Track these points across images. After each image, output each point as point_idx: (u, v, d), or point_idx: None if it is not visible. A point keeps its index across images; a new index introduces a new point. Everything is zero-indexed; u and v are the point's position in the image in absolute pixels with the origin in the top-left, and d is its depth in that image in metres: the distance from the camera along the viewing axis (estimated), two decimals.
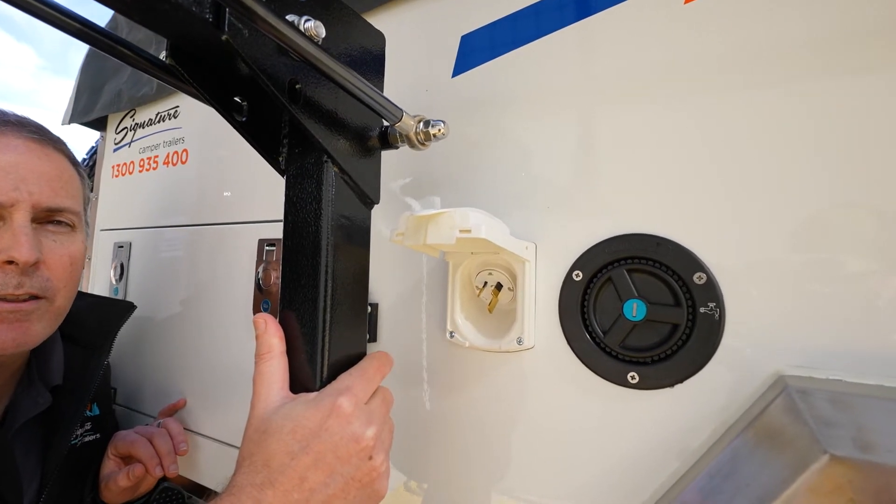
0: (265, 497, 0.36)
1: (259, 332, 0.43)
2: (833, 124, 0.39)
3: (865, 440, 0.31)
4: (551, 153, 0.52)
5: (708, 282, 0.42)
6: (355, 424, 0.39)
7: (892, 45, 0.37)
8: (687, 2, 0.46)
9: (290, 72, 0.39)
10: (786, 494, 0.33)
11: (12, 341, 0.58)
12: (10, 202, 0.57)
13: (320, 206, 0.43)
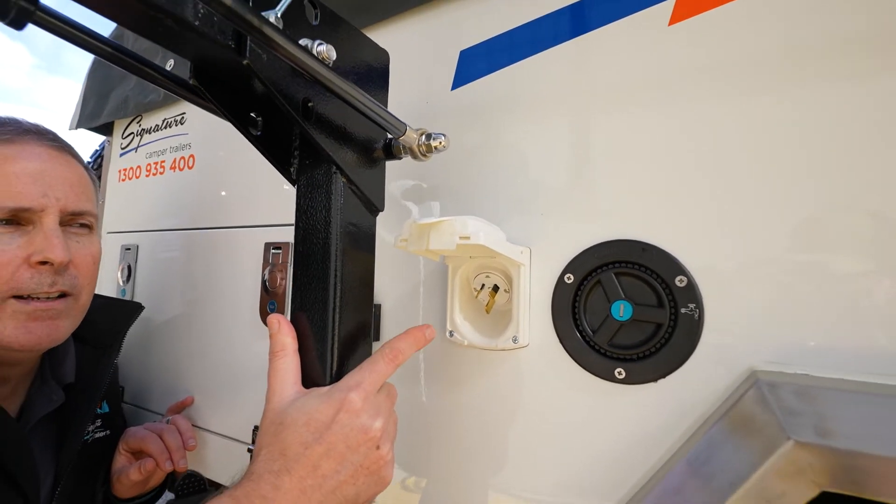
0: (282, 483, 0.39)
1: (273, 331, 0.46)
2: (803, 137, 0.42)
3: (825, 427, 0.35)
4: (545, 163, 0.55)
5: (688, 284, 0.46)
6: (364, 417, 0.42)
7: (850, 56, 0.41)
8: (671, 23, 0.50)
9: (304, 91, 0.42)
10: (754, 477, 0.36)
11: (47, 337, 0.61)
12: (40, 207, 0.60)
13: (330, 214, 0.46)
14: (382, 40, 0.55)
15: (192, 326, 0.89)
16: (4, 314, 0.59)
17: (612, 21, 0.52)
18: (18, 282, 0.59)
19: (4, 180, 0.59)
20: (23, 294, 0.60)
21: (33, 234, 0.61)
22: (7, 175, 0.60)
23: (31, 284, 0.60)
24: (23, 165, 0.61)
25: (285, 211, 0.79)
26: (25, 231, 0.61)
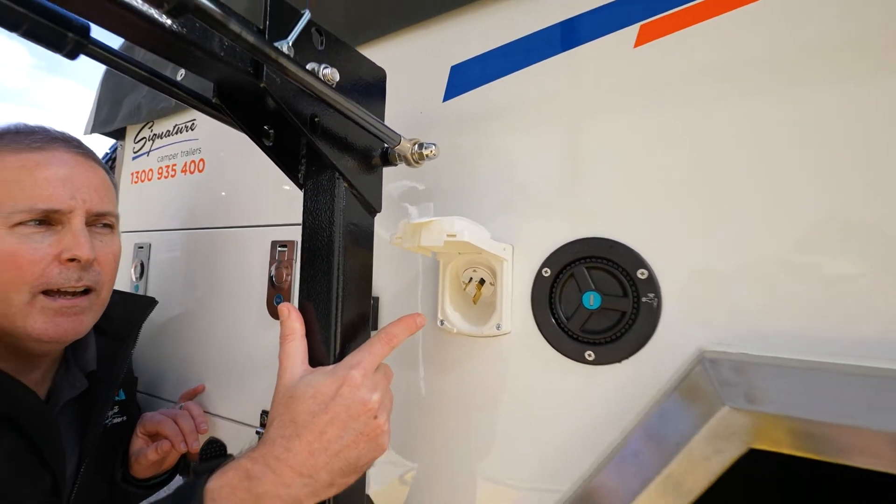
0: (293, 446, 0.45)
1: (283, 318, 0.52)
2: (746, 150, 0.49)
3: (754, 395, 0.41)
4: (527, 169, 0.62)
5: (649, 277, 0.52)
6: (363, 391, 0.48)
7: (795, 69, 0.47)
8: (636, 45, 0.56)
9: (311, 108, 0.48)
10: (696, 437, 0.42)
11: (72, 331, 0.67)
12: (68, 209, 0.66)
13: (333, 215, 0.53)
14: (380, 55, 0.62)
15: (202, 319, 0.95)
16: (34, 310, 0.65)
17: (585, 42, 0.58)
18: (49, 277, 0.66)
19: (36, 184, 0.66)
20: (52, 288, 0.66)
21: (62, 233, 0.67)
22: (38, 180, 0.66)
23: (59, 279, 0.66)
24: (53, 171, 0.67)
25: (290, 211, 0.85)
26: (55, 231, 0.67)
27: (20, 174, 0.65)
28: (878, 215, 0.42)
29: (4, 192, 0.64)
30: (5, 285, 0.63)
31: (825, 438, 0.37)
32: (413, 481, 0.66)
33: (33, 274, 0.64)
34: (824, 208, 0.45)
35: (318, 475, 0.46)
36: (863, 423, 0.36)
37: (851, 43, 0.45)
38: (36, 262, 0.64)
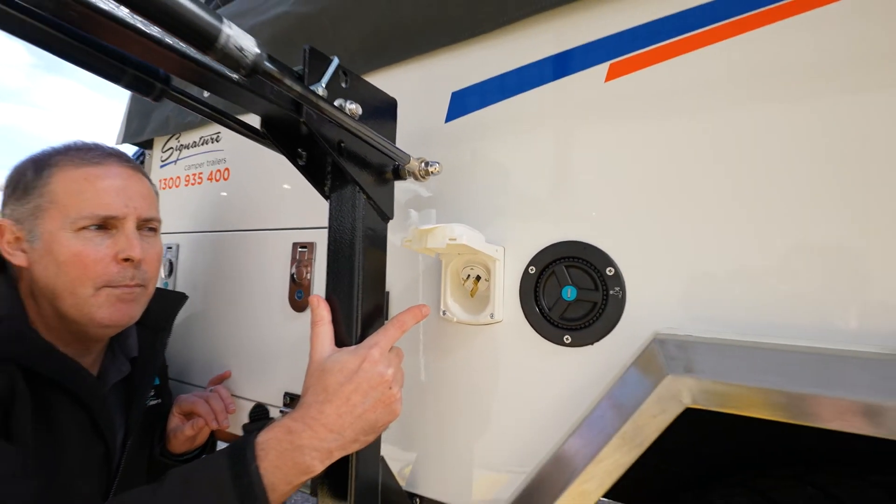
0: (325, 409, 0.56)
1: (313, 307, 0.63)
2: (690, 167, 0.60)
3: (690, 366, 0.52)
4: (517, 181, 0.73)
5: (615, 274, 0.63)
6: (381, 366, 0.59)
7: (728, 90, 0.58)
8: (608, 79, 0.67)
9: (338, 135, 0.59)
10: (647, 401, 0.53)
11: (128, 316, 0.79)
12: (123, 215, 0.77)
13: (354, 222, 0.64)
14: (390, 81, 0.73)
15: (228, 312, 1.06)
16: (100, 299, 0.76)
17: (565, 76, 0.69)
18: (109, 274, 0.77)
19: (96, 194, 0.76)
20: (111, 284, 0.77)
21: (117, 236, 0.78)
22: (98, 190, 0.77)
23: (118, 277, 0.77)
24: (110, 182, 0.78)
25: (309, 216, 0.96)
26: (111, 234, 0.78)
27: (83, 186, 0.76)
28: (803, 220, 0.53)
29: (70, 201, 0.75)
30: (73, 281, 0.74)
31: (738, 397, 0.48)
32: (419, 445, 0.77)
33: (95, 272, 0.75)
34: (755, 222, 0.56)
35: (344, 432, 0.57)
36: (769, 385, 0.47)
37: (787, 69, 0.55)
38: (98, 262, 0.75)
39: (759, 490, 0.61)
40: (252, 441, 0.55)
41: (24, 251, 0.76)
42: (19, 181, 0.76)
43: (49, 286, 0.75)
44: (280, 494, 0.54)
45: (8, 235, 0.76)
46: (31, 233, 0.75)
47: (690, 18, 0.61)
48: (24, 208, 0.75)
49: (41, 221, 0.75)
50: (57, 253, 0.74)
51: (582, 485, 0.57)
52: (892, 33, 0.50)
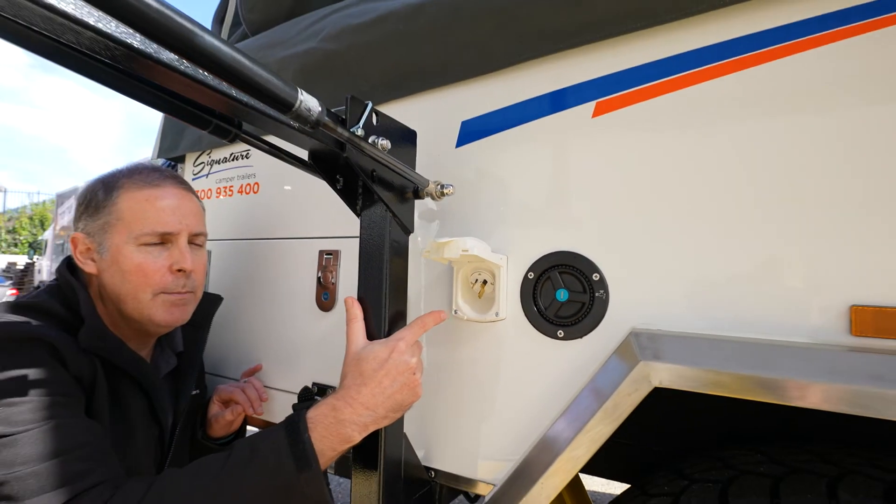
0: (362, 390, 0.69)
1: (348, 307, 0.76)
2: (671, 188, 0.72)
3: (658, 354, 0.65)
4: (518, 199, 0.85)
5: (601, 279, 0.76)
6: (406, 356, 0.72)
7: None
8: (595, 116, 0.80)
9: (371, 165, 0.72)
10: (623, 383, 0.66)
11: (180, 318, 0.91)
12: (177, 231, 0.90)
13: (383, 235, 0.76)
14: (407, 111, 0.85)
15: (259, 312, 1.19)
16: (157, 303, 0.88)
17: (558, 111, 0.82)
18: (165, 283, 0.89)
19: (156, 213, 0.89)
20: (167, 291, 0.89)
21: (172, 249, 0.91)
22: (157, 210, 0.89)
23: (172, 285, 0.90)
24: (167, 203, 0.90)
25: (334, 227, 1.08)
26: (167, 248, 0.91)
27: (144, 206, 0.88)
28: (747, 236, 0.66)
29: (134, 219, 0.87)
30: (135, 287, 0.87)
31: (695, 378, 0.61)
32: (434, 425, 0.90)
33: (154, 280, 0.88)
34: (714, 236, 0.68)
35: (377, 409, 0.69)
36: (719, 368, 0.60)
37: (725, 112, 0.68)
38: (156, 272, 0.88)
39: (721, 458, 0.74)
40: (303, 416, 0.68)
41: (94, 260, 0.88)
42: (91, 200, 0.88)
43: (115, 291, 0.87)
44: (327, 459, 0.67)
45: (81, 246, 0.88)
46: (101, 245, 0.87)
47: (663, 67, 0.74)
48: (95, 224, 0.88)
49: (109, 236, 0.87)
50: (122, 263, 0.86)
51: (573, 451, 0.69)
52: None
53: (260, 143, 0.67)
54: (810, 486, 0.61)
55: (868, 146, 0.60)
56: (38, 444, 0.64)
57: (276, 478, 0.63)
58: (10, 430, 0.64)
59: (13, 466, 0.62)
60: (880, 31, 0.60)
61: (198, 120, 0.59)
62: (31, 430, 0.65)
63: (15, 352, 0.71)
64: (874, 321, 0.59)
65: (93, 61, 0.50)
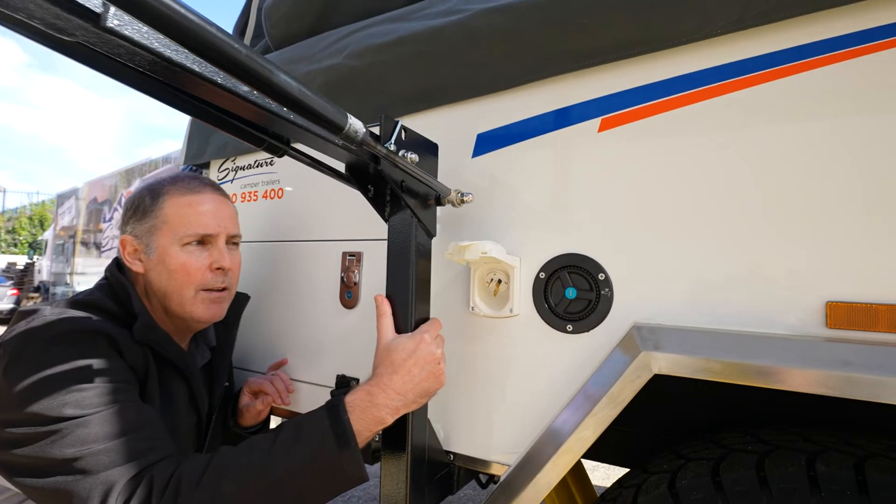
0: (393, 378, 0.77)
1: (378, 303, 0.84)
2: (670, 194, 0.80)
3: (657, 345, 0.73)
4: (530, 204, 0.93)
5: (606, 278, 0.84)
6: (432, 347, 0.80)
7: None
8: (600, 131, 0.88)
9: (401, 176, 0.80)
10: (626, 371, 0.74)
11: (218, 314, 0.99)
12: (216, 233, 0.98)
13: (409, 238, 0.84)
14: (426, 123, 0.93)
15: (285, 309, 1.27)
16: (198, 300, 0.97)
17: (566, 126, 0.90)
18: (205, 280, 0.97)
19: (197, 217, 0.97)
20: (207, 288, 0.98)
21: (211, 250, 0.99)
22: (199, 213, 0.97)
23: (212, 282, 0.98)
24: (207, 207, 0.99)
25: (356, 230, 1.16)
26: (207, 248, 0.99)
27: (187, 210, 0.97)
28: (738, 240, 0.74)
29: (178, 223, 0.96)
30: (180, 285, 0.95)
31: (690, 366, 0.69)
32: (454, 413, 0.98)
33: (196, 278, 0.96)
34: (710, 239, 0.77)
35: (407, 395, 0.77)
36: (711, 356, 0.69)
37: (707, 133, 0.77)
38: (199, 270, 0.96)
39: (713, 440, 0.82)
40: (342, 400, 0.76)
41: (141, 261, 0.96)
42: (139, 206, 0.97)
43: (161, 288, 0.95)
44: (363, 438, 0.75)
45: (129, 248, 0.96)
46: (148, 246, 0.96)
47: (662, 88, 0.82)
48: (143, 227, 0.96)
49: (155, 238, 0.95)
50: (168, 262, 0.94)
51: (581, 432, 0.78)
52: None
53: (304, 157, 0.76)
54: (791, 460, 0.69)
55: (839, 163, 0.68)
56: (108, 424, 0.73)
57: (320, 455, 0.71)
58: (82, 413, 0.72)
59: (87, 443, 0.70)
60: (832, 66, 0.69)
61: (252, 138, 0.68)
62: (100, 412, 0.73)
63: (81, 343, 0.79)
64: (847, 315, 0.67)
65: (171, 89, 0.58)
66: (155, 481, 0.68)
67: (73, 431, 0.71)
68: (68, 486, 0.68)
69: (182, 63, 0.47)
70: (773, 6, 0.71)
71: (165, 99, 0.59)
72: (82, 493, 0.67)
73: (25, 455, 0.71)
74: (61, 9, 0.40)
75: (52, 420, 0.71)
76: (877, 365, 0.59)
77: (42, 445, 0.70)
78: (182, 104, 0.60)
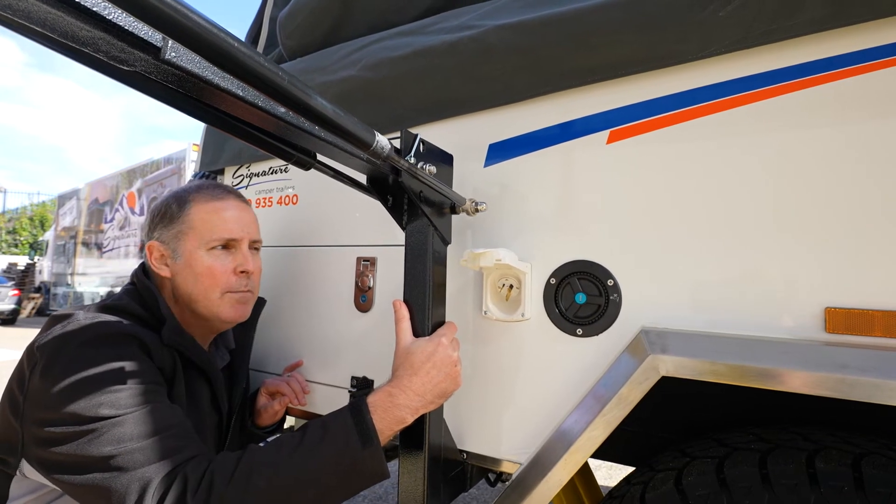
0: (413, 380, 0.81)
1: (396, 308, 0.88)
2: (677, 205, 0.84)
3: (664, 348, 0.77)
4: (541, 214, 0.97)
5: (615, 284, 0.88)
6: (448, 350, 0.84)
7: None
8: (609, 142, 0.92)
9: (419, 187, 0.84)
10: (635, 374, 0.78)
11: (242, 315, 1.03)
12: (240, 238, 1.02)
13: (425, 245, 0.88)
14: (440, 133, 0.97)
15: (300, 312, 1.31)
16: (224, 301, 1.01)
17: (575, 138, 0.94)
18: (230, 283, 1.01)
19: (223, 222, 1.01)
20: (232, 290, 1.02)
21: (235, 254, 1.03)
22: (224, 219, 1.01)
23: (237, 284, 1.02)
24: (231, 213, 1.03)
25: (370, 236, 1.20)
26: (231, 252, 1.03)
27: (212, 216, 1.01)
28: (741, 248, 0.78)
29: (204, 228, 1.00)
30: (206, 287, 0.99)
31: (695, 368, 0.73)
32: (467, 414, 1.02)
33: (221, 280, 1.00)
34: (714, 248, 0.80)
35: (426, 396, 0.81)
36: (714, 359, 0.72)
37: (701, 149, 0.80)
38: (224, 273, 1.00)
39: (718, 439, 0.86)
40: (364, 400, 0.80)
41: (168, 265, 1.00)
42: (166, 213, 1.01)
43: (188, 292, 0.99)
44: (385, 437, 0.79)
45: (156, 253, 1.00)
46: (175, 251, 0.99)
47: (667, 103, 0.86)
48: (170, 232, 1.00)
49: (182, 243, 0.99)
50: (195, 266, 0.98)
51: (591, 432, 0.81)
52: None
53: (329, 170, 0.80)
54: (792, 457, 0.73)
55: (837, 176, 0.72)
56: (142, 423, 0.76)
57: (345, 452, 0.75)
58: (118, 413, 0.76)
59: (122, 442, 0.74)
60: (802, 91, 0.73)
61: (282, 153, 0.72)
62: (134, 412, 0.77)
63: (114, 346, 0.82)
64: (845, 320, 0.71)
65: (214, 111, 0.62)
66: (189, 478, 0.72)
67: (109, 430, 0.75)
68: (106, 483, 0.72)
69: (228, 88, 0.51)
70: (773, 28, 0.75)
71: (208, 119, 0.63)
72: (120, 489, 0.71)
73: (64, 453, 0.75)
74: (127, 43, 0.44)
75: (89, 420, 0.75)
76: (872, 368, 0.63)
77: (80, 444, 0.74)
78: (222, 123, 0.64)
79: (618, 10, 0.85)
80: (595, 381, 0.86)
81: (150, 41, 0.44)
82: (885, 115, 0.71)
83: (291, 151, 0.72)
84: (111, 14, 0.40)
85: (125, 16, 0.41)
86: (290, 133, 0.64)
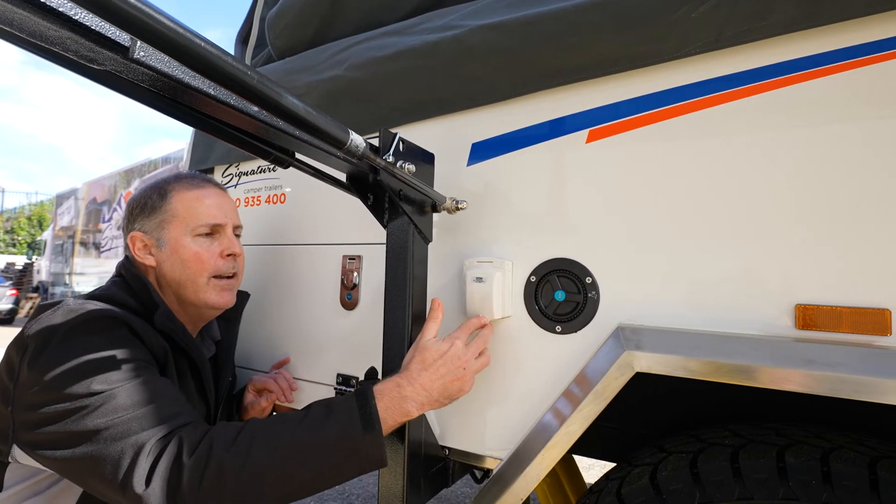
0: (422, 374, 0.81)
1: (434, 307, 0.88)
2: (653, 205, 0.85)
3: (639, 344, 0.78)
4: (522, 212, 0.98)
5: (593, 281, 0.89)
6: (460, 351, 0.84)
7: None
8: (588, 141, 0.93)
9: (399, 186, 0.85)
10: (611, 369, 0.79)
11: (228, 301, 1.05)
12: (224, 223, 1.04)
13: (406, 244, 0.89)
14: (423, 132, 0.98)
15: (286, 309, 1.31)
16: (210, 287, 1.02)
17: (555, 137, 0.95)
18: (218, 267, 1.03)
19: (206, 209, 1.03)
20: (218, 274, 1.03)
21: (220, 239, 1.04)
22: (207, 206, 1.03)
23: (223, 269, 1.04)
24: (213, 200, 1.04)
25: (356, 234, 1.21)
26: (216, 238, 1.04)
27: (195, 204, 1.02)
28: (711, 248, 0.79)
29: (188, 215, 1.01)
30: (194, 273, 1.00)
31: (668, 364, 0.74)
32: (449, 410, 1.03)
33: (209, 265, 1.01)
34: (689, 248, 0.81)
35: (432, 393, 0.82)
36: (687, 355, 0.73)
37: (683, 149, 0.82)
38: (211, 258, 1.02)
39: (694, 435, 0.87)
40: (371, 388, 0.80)
41: (153, 254, 1.01)
42: (146, 203, 1.02)
43: (175, 279, 1.00)
44: (388, 427, 0.79)
45: (139, 244, 1.01)
46: (159, 240, 1.01)
47: (645, 102, 0.87)
48: (152, 222, 1.01)
49: (166, 231, 1.00)
50: (181, 253, 1.00)
51: (568, 427, 0.82)
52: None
53: (308, 168, 0.81)
54: (763, 452, 0.74)
55: (808, 175, 0.73)
56: (134, 394, 0.76)
57: (345, 434, 0.75)
58: (108, 387, 0.76)
59: (116, 413, 0.74)
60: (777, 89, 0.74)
61: (261, 151, 0.73)
62: (125, 384, 0.77)
63: (102, 329, 0.83)
64: (815, 317, 0.72)
65: (188, 109, 0.63)
66: (185, 440, 0.72)
67: (102, 404, 0.75)
68: (99, 453, 0.71)
69: (200, 88, 0.52)
70: (745, 29, 0.76)
71: (183, 118, 0.64)
72: (114, 455, 0.71)
73: (56, 431, 0.74)
74: (95, 43, 0.45)
75: (82, 396, 0.75)
76: (837, 363, 0.64)
77: (73, 420, 0.74)
78: (198, 122, 0.65)
79: (596, 10, 0.86)
80: (573, 377, 0.87)
81: (117, 41, 0.45)
82: (856, 115, 0.72)
83: (269, 150, 0.73)
84: (77, 14, 0.41)
85: (90, 16, 0.42)
86: (266, 132, 0.65)
